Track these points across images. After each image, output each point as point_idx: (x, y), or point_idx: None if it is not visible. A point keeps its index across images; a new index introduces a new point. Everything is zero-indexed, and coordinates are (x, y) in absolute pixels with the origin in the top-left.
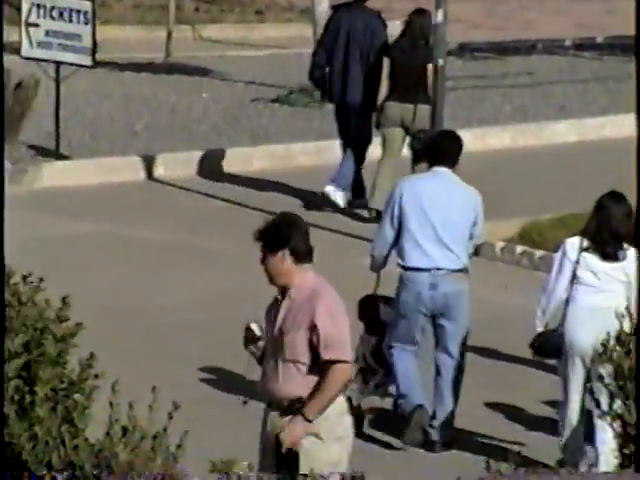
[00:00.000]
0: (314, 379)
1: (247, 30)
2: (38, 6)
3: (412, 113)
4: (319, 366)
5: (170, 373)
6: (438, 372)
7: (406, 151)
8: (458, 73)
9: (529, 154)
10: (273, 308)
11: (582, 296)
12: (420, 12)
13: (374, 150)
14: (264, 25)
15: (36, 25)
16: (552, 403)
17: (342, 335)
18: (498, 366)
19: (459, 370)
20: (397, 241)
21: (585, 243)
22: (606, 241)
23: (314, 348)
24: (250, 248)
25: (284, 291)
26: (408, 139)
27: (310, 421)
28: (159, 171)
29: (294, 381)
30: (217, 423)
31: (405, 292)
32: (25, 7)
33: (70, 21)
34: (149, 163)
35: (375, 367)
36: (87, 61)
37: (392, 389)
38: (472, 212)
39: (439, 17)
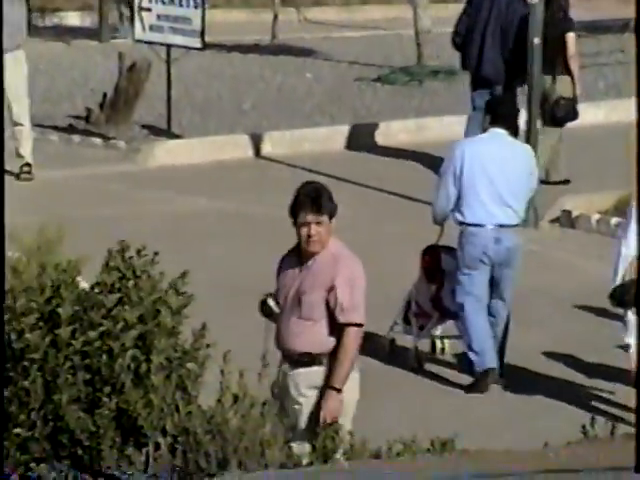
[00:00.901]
0: (325, 338)
1: (349, 12)
2: None
3: (551, 83)
4: (331, 327)
5: None
6: (493, 316)
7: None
8: None
9: (622, 129)
10: (290, 267)
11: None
12: None
13: None
14: (366, 7)
15: (148, 9)
16: None
17: (358, 300)
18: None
19: (508, 315)
20: (459, 199)
21: None
22: None
23: (330, 310)
24: (351, 220)
25: (311, 255)
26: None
27: (341, 390)
28: (266, 148)
29: (306, 337)
30: None
31: (470, 246)
32: None
33: (180, 5)
34: (256, 141)
35: (430, 312)
36: (197, 43)
37: (438, 331)
38: (527, 169)
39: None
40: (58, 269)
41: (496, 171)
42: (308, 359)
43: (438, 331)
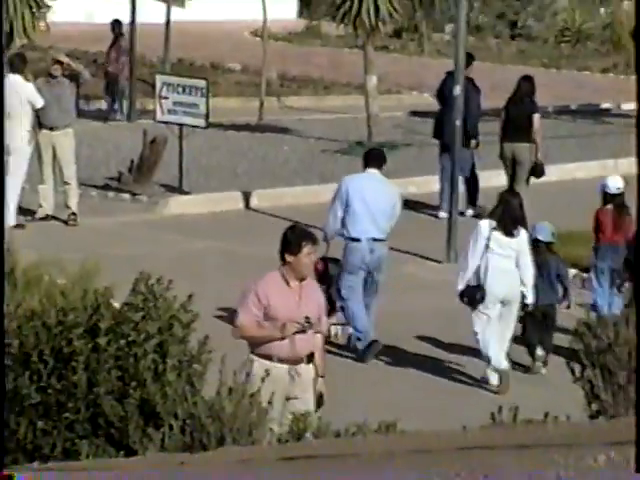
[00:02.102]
0: (314, 341)
1: (317, 100)
2: (168, 84)
3: (520, 150)
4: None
5: None
6: (368, 307)
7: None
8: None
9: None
10: (284, 291)
11: (493, 261)
12: (526, 78)
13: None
14: (330, 96)
15: (166, 98)
16: None
17: None
18: None
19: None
20: (344, 220)
21: (493, 224)
22: (507, 223)
23: (318, 319)
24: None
25: (303, 279)
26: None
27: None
28: (254, 202)
29: (310, 342)
30: None
31: (352, 256)
32: (158, 85)
33: (190, 94)
34: (247, 197)
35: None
36: (202, 124)
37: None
38: (393, 200)
39: (457, 90)
40: (97, 293)
41: (370, 199)
42: (309, 359)
43: (332, 320)
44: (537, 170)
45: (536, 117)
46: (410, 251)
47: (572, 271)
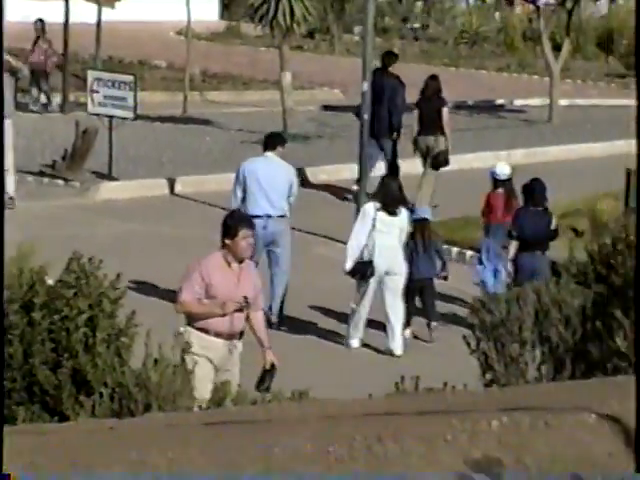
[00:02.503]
0: (256, 318)
1: (237, 95)
2: (99, 79)
3: (433, 142)
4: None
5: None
6: (273, 280)
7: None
8: None
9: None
10: (224, 271)
11: (379, 238)
12: (433, 77)
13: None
14: (248, 91)
15: (97, 92)
16: None
17: None
18: None
19: (285, 276)
20: (244, 199)
21: (377, 206)
22: (389, 204)
23: (255, 298)
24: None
25: (243, 261)
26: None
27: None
28: (178, 188)
29: (243, 320)
30: None
31: None
32: (90, 80)
33: (119, 89)
34: (172, 183)
35: None
36: (130, 116)
37: None
38: (288, 180)
39: (365, 86)
40: (32, 271)
41: (264, 179)
42: (240, 335)
43: None
44: (441, 158)
45: (445, 111)
46: (321, 234)
47: (469, 252)
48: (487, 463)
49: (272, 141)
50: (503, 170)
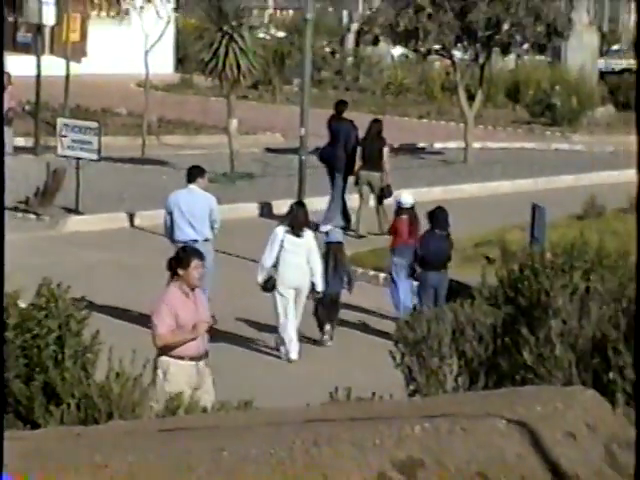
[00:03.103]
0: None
1: (189, 139)
2: (67, 125)
3: (376, 178)
4: None
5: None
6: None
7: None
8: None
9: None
10: (184, 299)
11: (287, 257)
12: (376, 120)
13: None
14: (200, 136)
15: (65, 136)
16: None
17: None
18: None
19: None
20: (172, 225)
21: (286, 229)
22: (296, 227)
23: None
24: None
25: (195, 288)
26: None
27: None
28: (137, 222)
29: (206, 340)
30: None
31: None
32: (59, 126)
33: (85, 134)
34: (132, 217)
35: None
36: (95, 157)
37: None
38: (208, 208)
39: (302, 131)
40: (6, 295)
41: (186, 208)
42: (206, 354)
43: None
44: (386, 192)
45: (385, 150)
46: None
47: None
48: (410, 464)
49: (193, 174)
50: (407, 199)
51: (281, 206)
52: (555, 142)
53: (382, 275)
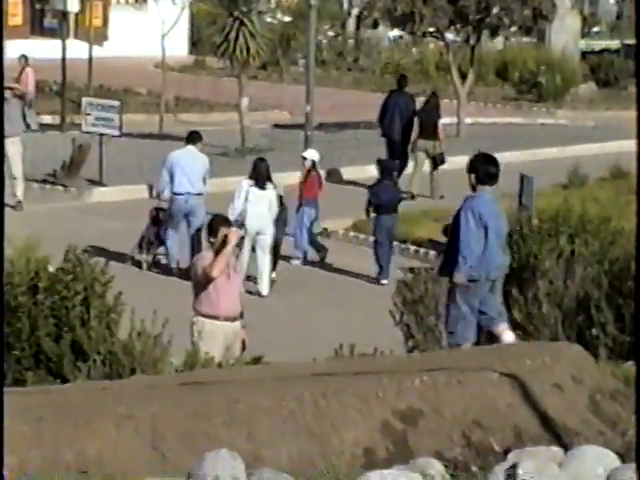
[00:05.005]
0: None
1: (203, 116)
2: (91, 104)
3: (431, 146)
4: None
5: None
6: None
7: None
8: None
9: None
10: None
11: (251, 207)
12: (433, 94)
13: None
14: (213, 113)
15: (89, 114)
16: None
17: None
18: None
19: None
20: (171, 180)
21: (251, 182)
22: (260, 180)
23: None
24: None
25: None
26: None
27: None
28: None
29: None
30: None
31: (175, 205)
32: (83, 105)
33: (108, 111)
34: (151, 188)
35: (154, 241)
36: (117, 133)
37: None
38: (203, 167)
39: (308, 109)
40: (37, 261)
41: (186, 165)
42: (242, 315)
43: (160, 250)
44: (439, 159)
45: (440, 122)
46: None
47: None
48: (411, 413)
49: (193, 137)
50: (313, 155)
51: (287, 178)
52: (541, 117)
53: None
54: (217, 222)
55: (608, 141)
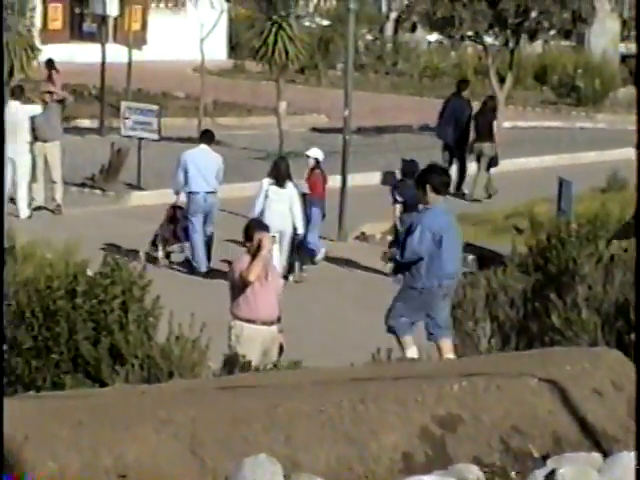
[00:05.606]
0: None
1: (241, 120)
2: (129, 108)
3: (486, 147)
4: None
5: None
6: (206, 234)
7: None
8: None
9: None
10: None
11: (272, 205)
12: (490, 97)
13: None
14: (251, 117)
15: (128, 118)
16: None
17: None
18: None
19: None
20: (186, 180)
21: (271, 181)
22: (279, 179)
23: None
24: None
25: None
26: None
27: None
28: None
29: (277, 307)
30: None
31: (194, 204)
32: (122, 108)
33: (146, 115)
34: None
35: (170, 239)
36: (155, 137)
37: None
38: (217, 165)
39: (346, 113)
40: (76, 264)
41: (202, 165)
42: (278, 319)
43: (175, 247)
44: (495, 160)
45: (495, 124)
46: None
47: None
48: (450, 419)
49: (208, 137)
50: (316, 154)
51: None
52: (580, 121)
53: None
54: (252, 226)
55: None
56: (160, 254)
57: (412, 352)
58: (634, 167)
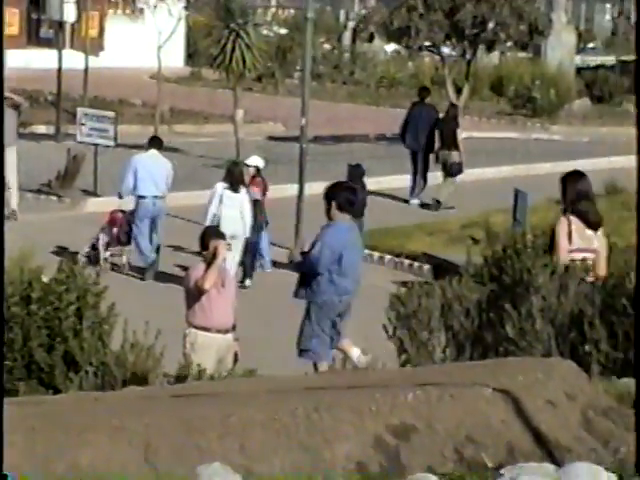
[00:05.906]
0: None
1: (198, 128)
2: (86, 114)
3: (449, 155)
4: None
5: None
6: (152, 241)
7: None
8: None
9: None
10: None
11: (225, 210)
12: (452, 105)
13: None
14: (208, 125)
15: (84, 124)
16: None
17: None
18: None
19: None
20: (135, 184)
21: (225, 185)
22: (234, 184)
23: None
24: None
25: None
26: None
27: None
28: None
29: (233, 315)
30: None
31: (142, 208)
32: (78, 115)
33: (102, 122)
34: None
35: (111, 242)
36: (112, 144)
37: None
38: (167, 170)
39: (303, 121)
40: (30, 271)
41: (152, 169)
42: (234, 327)
43: (114, 250)
44: (457, 169)
45: (459, 131)
46: None
47: (387, 256)
48: (404, 429)
49: (157, 142)
50: (256, 162)
51: (283, 190)
52: (535, 132)
53: (379, 256)
54: (208, 234)
55: (602, 157)
56: (102, 257)
57: (356, 352)
58: (591, 178)
